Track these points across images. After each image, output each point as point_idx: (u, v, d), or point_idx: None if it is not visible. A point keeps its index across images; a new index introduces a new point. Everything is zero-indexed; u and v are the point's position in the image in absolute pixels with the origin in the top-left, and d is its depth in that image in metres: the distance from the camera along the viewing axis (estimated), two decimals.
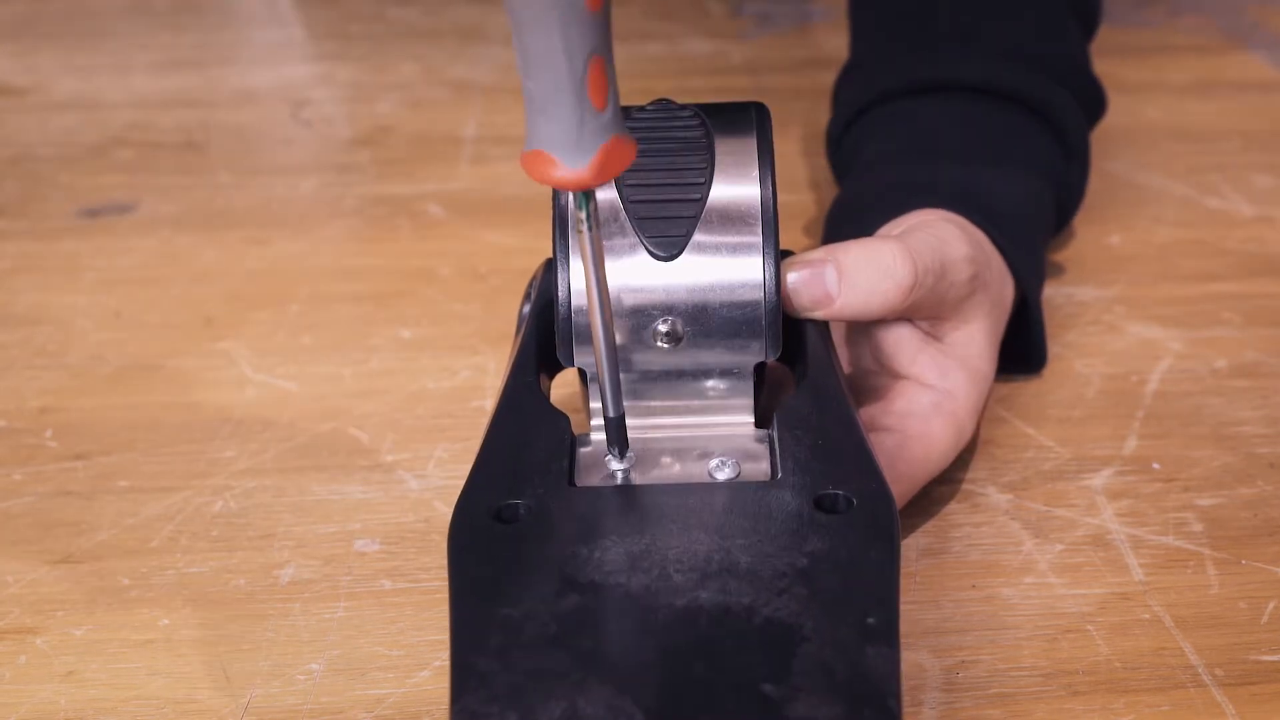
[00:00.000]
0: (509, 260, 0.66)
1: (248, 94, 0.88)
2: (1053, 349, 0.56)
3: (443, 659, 0.42)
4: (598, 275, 0.37)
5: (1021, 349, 0.54)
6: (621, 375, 0.41)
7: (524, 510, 0.38)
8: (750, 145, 0.43)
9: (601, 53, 0.32)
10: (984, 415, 0.52)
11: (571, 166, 0.33)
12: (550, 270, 0.43)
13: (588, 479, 0.41)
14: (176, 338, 0.61)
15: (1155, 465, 0.50)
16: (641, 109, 0.44)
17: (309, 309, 0.62)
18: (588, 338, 0.42)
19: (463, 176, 0.75)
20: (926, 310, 0.47)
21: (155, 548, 0.48)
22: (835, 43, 0.88)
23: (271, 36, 0.99)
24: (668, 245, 0.42)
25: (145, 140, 0.81)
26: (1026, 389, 0.55)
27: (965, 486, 0.49)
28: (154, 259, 0.67)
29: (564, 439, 0.41)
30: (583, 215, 0.36)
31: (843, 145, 0.63)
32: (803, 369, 0.43)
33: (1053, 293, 0.60)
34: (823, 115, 0.67)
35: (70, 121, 0.84)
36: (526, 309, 0.46)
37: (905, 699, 0.40)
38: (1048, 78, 0.60)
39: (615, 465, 0.41)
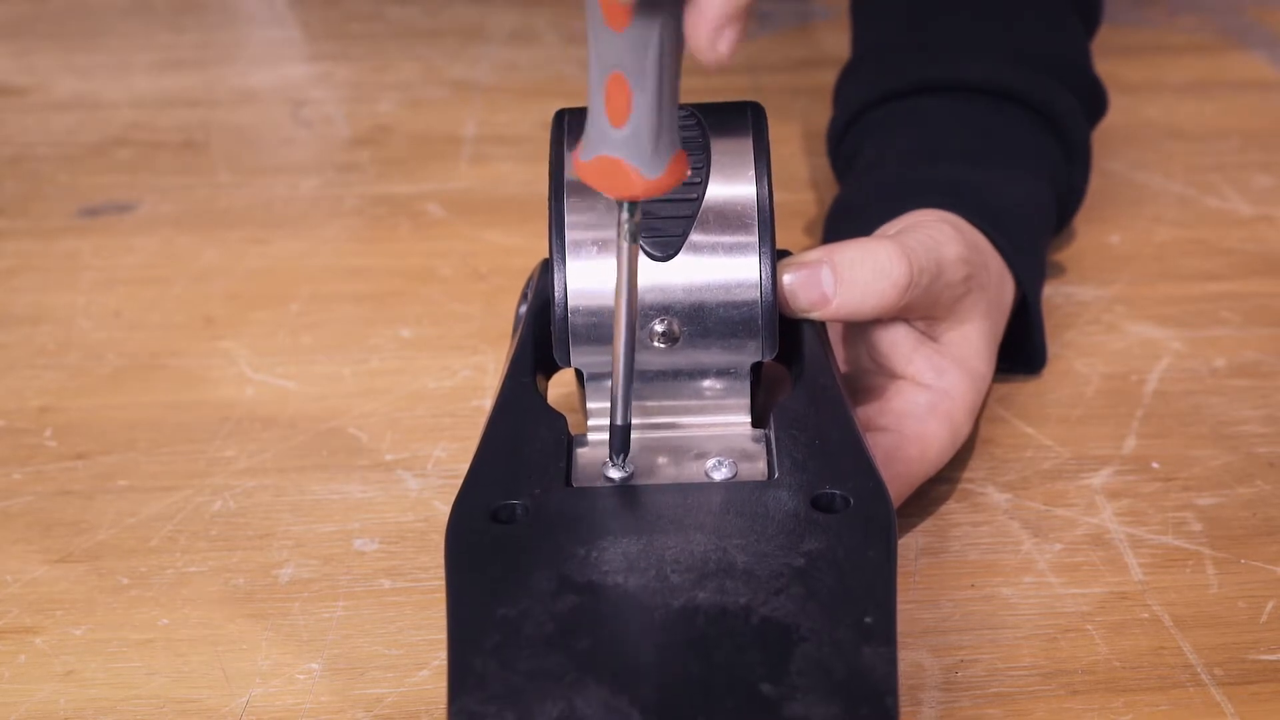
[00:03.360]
0: (509, 260, 0.66)
1: (248, 94, 0.88)
2: (1052, 348, 0.56)
3: (441, 659, 0.42)
4: (629, 287, 0.37)
5: (1021, 349, 0.54)
6: None
7: (521, 510, 0.38)
8: (746, 145, 0.43)
9: (626, 73, 0.34)
10: (983, 414, 0.52)
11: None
12: (547, 271, 0.43)
13: (585, 479, 0.41)
14: (176, 337, 0.61)
15: (1154, 465, 0.50)
16: None
17: (309, 309, 0.62)
18: (584, 338, 0.42)
19: (463, 176, 0.75)
20: (922, 310, 0.47)
21: (154, 547, 0.48)
22: (835, 42, 0.88)
23: (271, 36, 0.99)
24: (664, 245, 0.42)
25: (145, 140, 0.81)
26: (1026, 388, 0.55)
27: (964, 486, 0.49)
28: (154, 258, 0.67)
29: (561, 439, 0.41)
30: (622, 221, 0.37)
31: (843, 145, 0.63)
32: (799, 369, 0.43)
33: (1052, 292, 0.60)
34: (823, 115, 0.67)
35: (70, 121, 0.84)
36: (523, 309, 0.46)
37: (904, 698, 0.40)
38: (1049, 77, 0.59)
39: (613, 472, 0.41)
